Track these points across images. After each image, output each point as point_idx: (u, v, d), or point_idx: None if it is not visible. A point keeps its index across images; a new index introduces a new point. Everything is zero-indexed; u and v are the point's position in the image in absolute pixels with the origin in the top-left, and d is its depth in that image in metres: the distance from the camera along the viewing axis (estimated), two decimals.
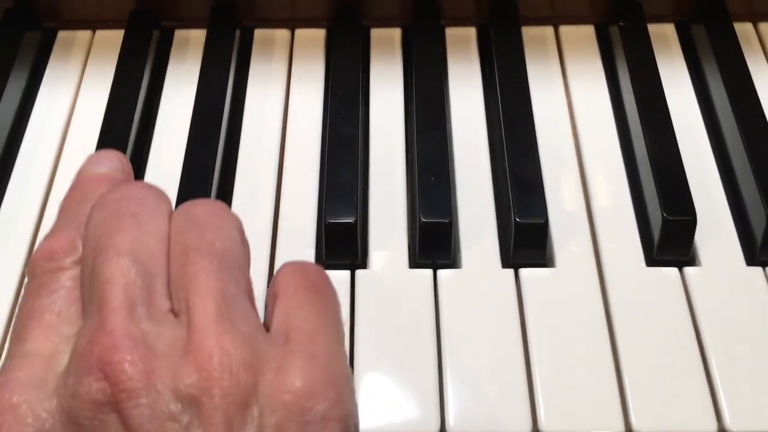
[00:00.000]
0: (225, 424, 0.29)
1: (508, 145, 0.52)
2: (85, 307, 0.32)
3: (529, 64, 0.57)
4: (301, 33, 0.62)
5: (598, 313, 0.46)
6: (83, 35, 0.62)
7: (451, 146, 0.54)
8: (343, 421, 0.31)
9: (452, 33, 0.62)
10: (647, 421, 0.42)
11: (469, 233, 0.50)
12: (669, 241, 0.48)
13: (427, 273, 0.48)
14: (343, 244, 0.48)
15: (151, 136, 0.55)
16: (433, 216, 0.48)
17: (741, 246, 0.49)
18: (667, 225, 0.48)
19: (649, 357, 0.44)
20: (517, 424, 0.42)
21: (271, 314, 0.34)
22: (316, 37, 0.62)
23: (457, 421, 0.42)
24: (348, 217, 0.48)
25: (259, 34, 0.62)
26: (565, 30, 0.62)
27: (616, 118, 0.56)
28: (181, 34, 0.62)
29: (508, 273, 0.48)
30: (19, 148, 0.55)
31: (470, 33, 0.62)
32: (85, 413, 0.29)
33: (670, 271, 0.48)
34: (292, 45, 0.61)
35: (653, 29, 0.60)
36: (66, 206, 0.38)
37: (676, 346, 0.45)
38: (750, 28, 0.62)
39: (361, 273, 0.48)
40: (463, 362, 0.44)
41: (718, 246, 0.49)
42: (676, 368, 0.44)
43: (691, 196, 0.49)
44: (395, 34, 0.62)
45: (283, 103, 0.57)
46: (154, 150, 0.55)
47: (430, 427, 0.42)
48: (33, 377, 0.31)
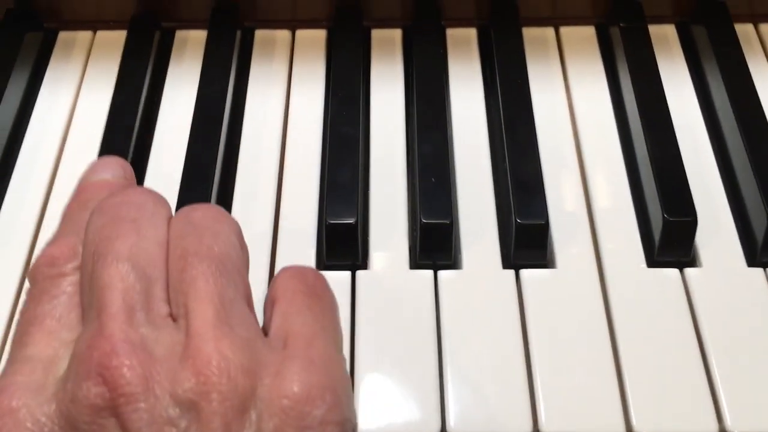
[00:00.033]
0: (223, 429, 0.29)
1: (509, 146, 0.52)
2: (84, 312, 0.33)
3: (530, 65, 0.57)
4: (302, 34, 0.62)
5: (598, 313, 0.46)
6: (84, 36, 0.62)
7: (452, 147, 0.54)
8: (341, 425, 0.31)
9: (453, 34, 0.62)
10: (648, 421, 0.42)
11: (469, 234, 0.50)
12: (670, 242, 0.48)
13: (427, 274, 0.48)
14: (343, 244, 0.48)
15: (152, 137, 0.55)
16: (434, 217, 0.48)
17: (742, 247, 0.49)
18: (668, 226, 0.48)
19: (650, 358, 0.44)
20: (518, 425, 0.42)
21: (269, 318, 0.34)
22: (317, 37, 0.62)
23: (458, 422, 0.42)
24: (349, 218, 0.48)
25: (260, 34, 0.62)
26: (566, 31, 0.62)
27: (616, 119, 0.56)
28: (181, 35, 0.62)
29: (509, 274, 0.48)
30: (20, 148, 0.55)
31: (471, 34, 0.62)
32: (84, 417, 0.29)
33: (671, 272, 0.48)
34: (292, 46, 0.61)
35: (654, 30, 0.60)
36: (68, 213, 0.38)
37: (677, 347, 0.45)
38: (751, 29, 0.62)
39: (361, 274, 0.48)
40: (464, 363, 0.44)
41: (719, 247, 0.49)
42: (677, 369, 0.44)
43: (692, 197, 0.49)
44: (396, 35, 0.62)
45: (284, 104, 0.57)
46: (155, 151, 0.55)
47: (430, 428, 0.42)
48: (33, 382, 0.31)
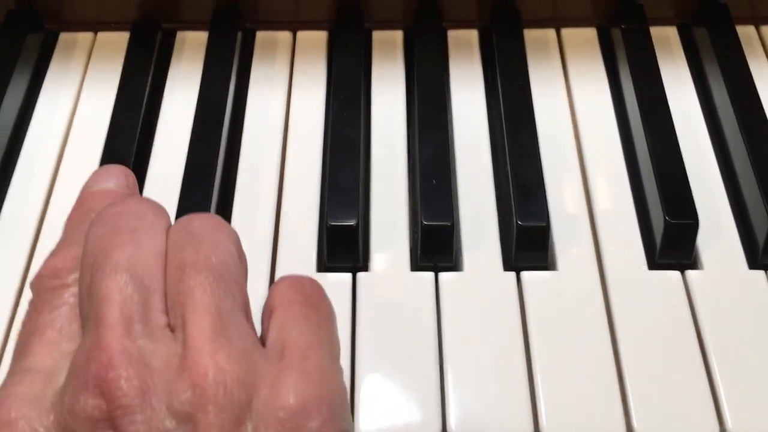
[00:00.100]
0: None
1: (510, 148, 0.52)
2: (83, 323, 0.33)
3: (531, 67, 0.57)
4: (303, 35, 0.62)
5: (599, 315, 0.46)
6: (85, 37, 0.62)
7: (453, 149, 0.54)
8: None
9: (454, 35, 0.62)
10: (649, 423, 0.42)
11: (470, 236, 0.50)
12: (671, 244, 0.48)
13: (428, 276, 0.48)
14: (344, 246, 0.48)
15: (153, 139, 0.55)
16: (435, 219, 0.48)
17: (743, 249, 0.49)
18: (669, 228, 0.48)
19: (651, 360, 0.44)
20: (519, 426, 0.42)
21: (267, 328, 0.34)
22: (318, 39, 0.62)
23: (459, 424, 0.42)
24: (349, 220, 0.48)
25: (261, 36, 0.62)
26: (567, 32, 0.62)
27: (618, 121, 0.56)
28: (182, 36, 0.62)
29: (510, 276, 0.48)
30: (21, 150, 0.55)
31: (472, 35, 0.62)
32: (81, 429, 0.29)
33: (672, 275, 0.48)
34: (294, 47, 0.61)
35: (655, 32, 0.60)
36: (70, 223, 0.38)
37: (678, 349, 0.45)
38: (752, 31, 0.62)
39: (362, 275, 0.48)
40: (465, 365, 0.44)
41: (721, 249, 0.49)
42: (678, 371, 0.44)
43: (693, 200, 0.49)
44: (397, 37, 0.62)
45: (285, 105, 0.57)
46: (156, 152, 0.55)
47: (431, 430, 0.42)
48: (32, 393, 0.31)
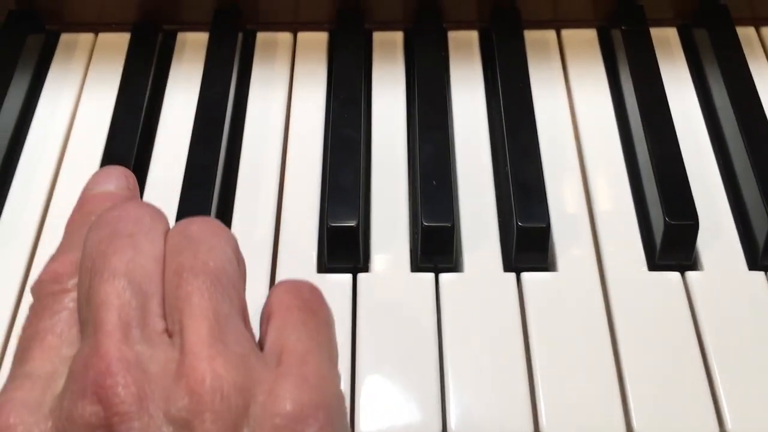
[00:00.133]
0: None
1: (510, 149, 0.52)
2: (82, 328, 0.33)
3: (532, 68, 0.57)
4: (304, 36, 0.62)
5: (599, 316, 0.46)
6: (86, 38, 0.62)
7: (453, 150, 0.54)
8: None
9: (454, 36, 0.62)
10: (649, 423, 0.42)
11: (470, 237, 0.50)
12: (671, 245, 0.48)
13: (428, 277, 0.48)
14: (345, 247, 0.48)
15: (154, 140, 0.55)
16: (435, 220, 0.48)
17: (743, 250, 0.49)
18: (669, 229, 0.48)
19: (651, 361, 0.44)
20: (519, 427, 0.42)
21: (265, 333, 0.34)
22: (319, 40, 0.62)
23: (459, 424, 0.42)
24: (350, 221, 0.48)
25: (262, 37, 0.62)
26: (568, 33, 0.62)
27: (618, 122, 0.56)
28: (183, 37, 0.62)
29: (510, 277, 0.48)
30: (22, 151, 0.55)
31: (472, 36, 0.62)
32: None
33: (672, 276, 0.48)
34: (294, 48, 0.61)
35: (655, 33, 0.60)
36: (70, 226, 0.38)
37: (678, 350, 0.45)
38: (752, 32, 0.62)
39: (363, 276, 0.48)
40: (465, 365, 0.44)
41: (721, 250, 0.49)
42: (678, 372, 0.44)
43: (694, 201, 0.49)
44: (397, 38, 0.62)
45: (286, 106, 0.57)
46: (157, 153, 0.55)
47: (431, 430, 0.42)
48: (31, 398, 0.31)
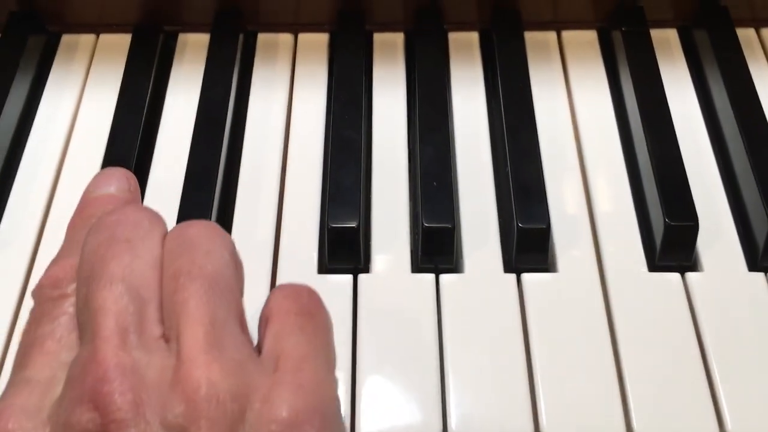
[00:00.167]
0: None
1: (511, 150, 0.52)
2: (80, 333, 0.33)
3: (532, 69, 0.58)
4: (305, 37, 0.62)
5: (599, 317, 0.46)
6: (87, 39, 0.62)
7: (454, 151, 0.54)
8: None
9: (455, 37, 0.62)
10: (649, 424, 0.42)
11: (471, 238, 0.50)
12: (671, 246, 0.48)
13: (429, 277, 0.48)
14: (345, 248, 0.48)
15: (155, 141, 0.55)
16: (436, 221, 0.48)
17: (743, 251, 0.49)
18: (669, 231, 0.48)
19: (651, 361, 0.44)
20: (519, 427, 0.42)
21: (263, 337, 0.34)
22: (320, 41, 0.62)
23: (460, 424, 0.42)
24: (351, 222, 0.48)
25: (263, 38, 0.62)
26: (568, 35, 0.62)
27: (618, 123, 0.56)
28: (184, 38, 0.62)
29: (511, 278, 0.48)
30: (23, 152, 0.55)
31: (473, 38, 0.62)
32: None
33: (672, 277, 0.48)
34: (295, 49, 0.61)
35: (655, 34, 0.60)
36: (71, 230, 0.38)
37: (678, 351, 0.45)
38: (752, 34, 0.62)
39: (363, 277, 0.48)
40: (465, 366, 0.44)
41: (720, 251, 0.49)
42: (678, 373, 0.44)
43: (693, 202, 0.49)
44: (398, 39, 0.62)
45: (286, 107, 0.57)
46: (158, 154, 0.55)
47: (432, 430, 0.42)
48: (30, 404, 0.31)
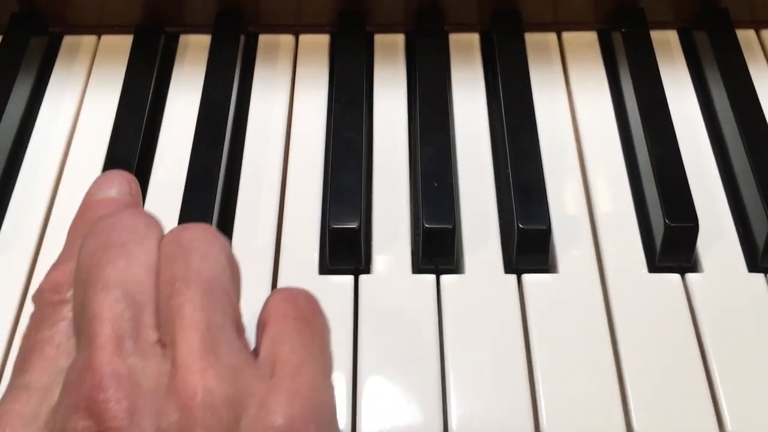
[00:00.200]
0: None
1: (511, 151, 0.52)
2: (77, 339, 0.32)
3: (532, 70, 0.58)
4: (306, 38, 0.62)
5: (600, 318, 0.46)
6: (88, 40, 0.62)
7: (454, 152, 0.54)
8: None
9: (455, 39, 0.62)
10: (649, 424, 0.42)
11: (472, 239, 0.50)
12: (671, 247, 0.48)
13: (430, 278, 0.48)
14: (346, 249, 0.48)
15: (156, 142, 0.56)
16: (437, 222, 0.48)
17: (743, 252, 0.49)
18: (669, 232, 0.48)
19: (651, 362, 0.44)
20: (519, 427, 0.42)
21: (260, 341, 0.34)
22: (321, 42, 0.62)
23: (460, 424, 0.42)
24: (352, 222, 0.48)
25: (264, 39, 0.62)
26: (568, 36, 0.62)
27: (618, 124, 0.56)
28: (186, 40, 0.62)
29: (511, 278, 0.48)
30: (25, 152, 0.55)
31: (473, 39, 0.62)
32: None
33: (672, 277, 0.48)
34: (296, 50, 0.61)
35: (656, 35, 0.60)
36: (72, 233, 0.37)
37: (678, 351, 0.45)
38: (752, 35, 0.62)
39: (364, 278, 0.48)
40: (466, 366, 0.44)
41: (720, 252, 0.49)
42: (678, 373, 0.44)
43: (693, 203, 0.49)
44: (399, 40, 0.62)
45: (287, 108, 0.57)
46: (159, 155, 0.55)
47: (433, 430, 0.42)
48: (28, 411, 0.31)
